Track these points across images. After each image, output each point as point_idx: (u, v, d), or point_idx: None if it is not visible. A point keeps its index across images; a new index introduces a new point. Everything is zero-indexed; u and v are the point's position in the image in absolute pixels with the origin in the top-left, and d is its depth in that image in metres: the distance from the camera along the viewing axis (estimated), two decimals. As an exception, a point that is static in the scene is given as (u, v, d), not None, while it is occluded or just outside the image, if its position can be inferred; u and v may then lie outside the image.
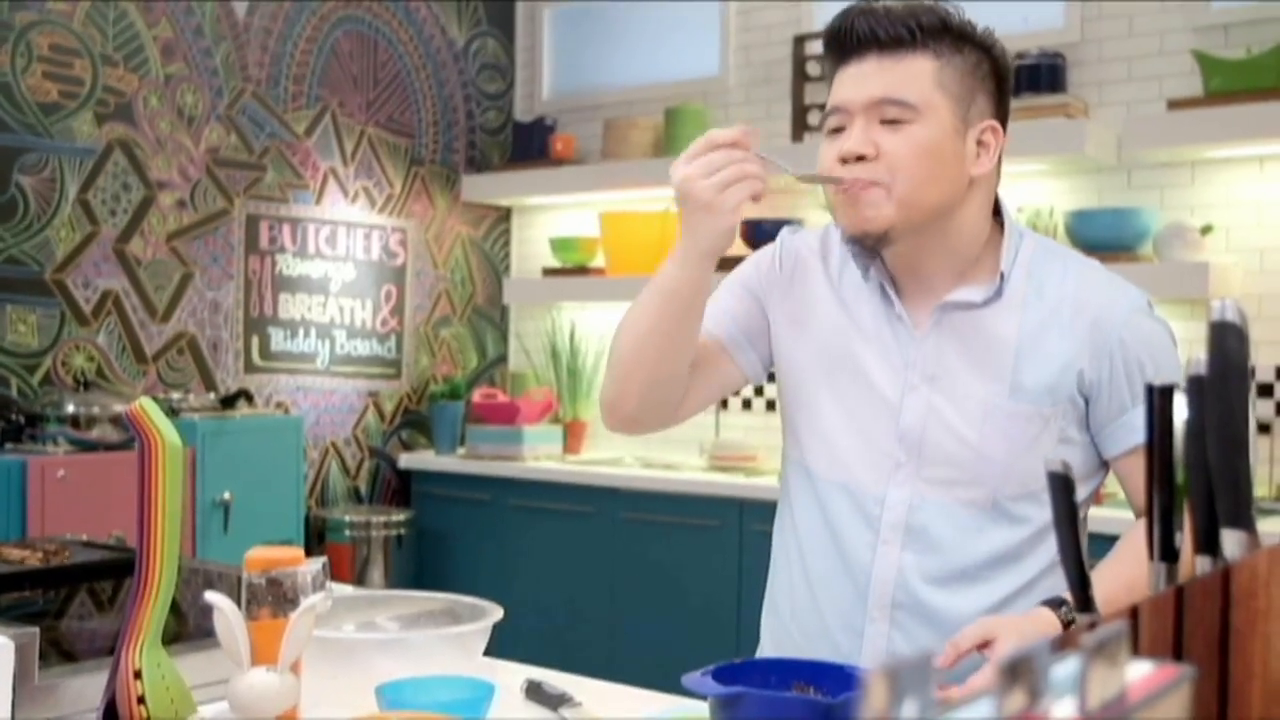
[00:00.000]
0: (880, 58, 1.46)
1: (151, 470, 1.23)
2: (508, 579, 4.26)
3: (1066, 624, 1.38)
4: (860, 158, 1.45)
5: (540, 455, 4.42)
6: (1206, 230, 3.46)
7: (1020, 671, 0.47)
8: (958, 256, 1.52)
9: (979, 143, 1.49)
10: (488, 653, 1.57)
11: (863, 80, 1.47)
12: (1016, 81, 3.71)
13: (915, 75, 1.45)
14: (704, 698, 1.27)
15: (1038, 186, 3.80)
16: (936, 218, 1.48)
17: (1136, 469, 1.49)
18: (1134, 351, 1.49)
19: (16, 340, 3.62)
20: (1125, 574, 1.44)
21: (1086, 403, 1.51)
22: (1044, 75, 3.67)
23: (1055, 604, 1.42)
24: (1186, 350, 3.70)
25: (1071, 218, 3.58)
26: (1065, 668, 0.50)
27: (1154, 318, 1.54)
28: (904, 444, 1.52)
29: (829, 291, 1.61)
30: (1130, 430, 1.49)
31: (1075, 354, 1.49)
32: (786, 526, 1.66)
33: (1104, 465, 1.57)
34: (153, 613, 1.24)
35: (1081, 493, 1.52)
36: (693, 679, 1.23)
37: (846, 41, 1.48)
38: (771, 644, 1.68)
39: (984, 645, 1.36)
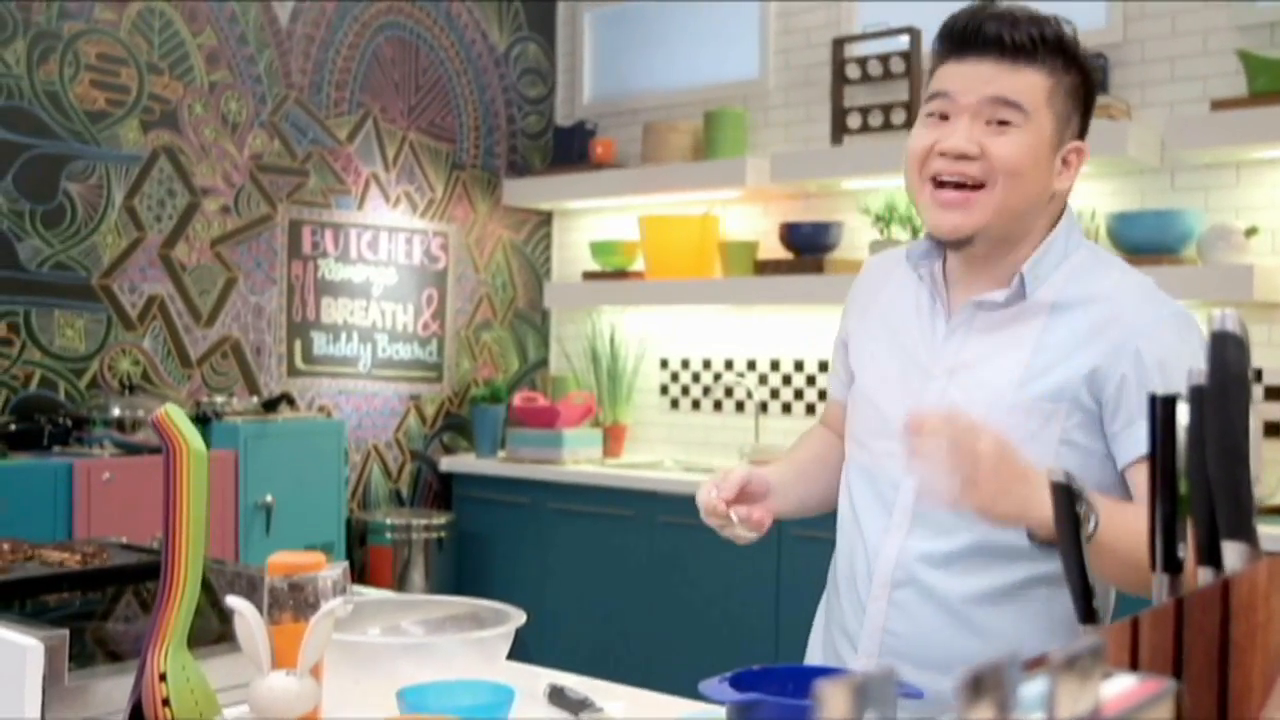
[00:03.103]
0: (999, 62, 1.50)
1: (176, 476, 1.25)
2: (547, 582, 4.28)
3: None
4: (963, 155, 1.50)
5: (580, 459, 4.43)
6: (1252, 232, 3.42)
7: (987, 685, 0.46)
8: (1012, 263, 1.57)
9: (1064, 160, 1.55)
10: (526, 654, 1.58)
11: (981, 78, 1.51)
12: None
13: (1030, 86, 1.50)
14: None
15: (1079, 188, 3.72)
16: (1015, 225, 1.54)
17: (1139, 480, 1.48)
18: (1149, 362, 1.48)
19: (64, 344, 3.68)
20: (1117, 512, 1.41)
21: (1102, 408, 1.51)
22: (1086, 76, 3.63)
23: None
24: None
25: (1114, 220, 3.54)
26: (1035, 684, 0.50)
27: (1181, 332, 1.52)
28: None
29: (889, 297, 1.72)
30: (1136, 441, 1.48)
31: (1092, 358, 1.50)
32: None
33: (1122, 479, 1.54)
34: (178, 616, 1.26)
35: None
36: (710, 685, 1.23)
37: (971, 38, 1.52)
38: (821, 628, 1.78)
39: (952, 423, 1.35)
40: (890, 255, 1.79)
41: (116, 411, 3.51)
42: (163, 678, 1.24)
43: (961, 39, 1.53)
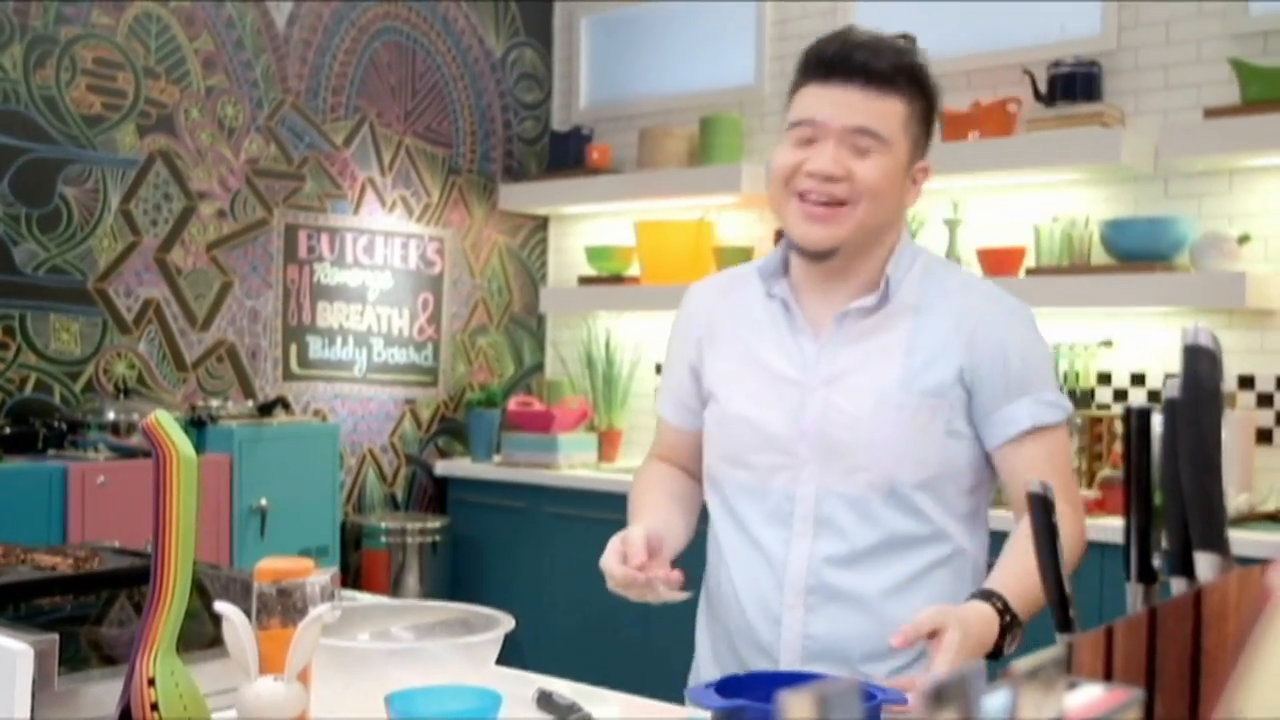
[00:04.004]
0: (865, 89, 1.60)
1: (166, 482, 1.26)
2: (542, 586, 4.28)
3: (1001, 613, 1.50)
4: (829, 177, 1.60)
5: (575, 463, 4.44)
6: (1244, 240, 3.43)
7: (950, 695, 0.47)
8: (865, 273, 1.69)
9: (913, 179, 1.68)
10: (520, 658, 1.59)
11: (845, 106, 1.60)
12: (1053, 89, 3.69)
13: (891, 113, 1.61)
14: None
15: (1073, 196, 3.77)
16: (871, 239, 1.66)
17: (1011, 462, 1.65)
18: (1009, 353, 1.64)
19: (59, 348, 3.68)
20: (1021, 559, 1.55)
21: (970, 397, 1.65)
22: (1080, 83, 3.65)
23: (987, 595, 1.52)
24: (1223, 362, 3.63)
25: (1107, 227, 3.55)
26: (998, 695, 0.50)
27: (1027, 324, 1.69)
28: (806, 442, 1.67)
29: (734, 320, 1.78)
30: (1002, 425, 1.64)
31: (958, 354, 1.64)
32: (711, 536, 1.83)
33: (988, 460, 1.70)
34: (167, 621, 1.27)
35: (967, 481, 1.68)
36: (697, 692, 1.24)
37: (838, 66, 1.61)
38: (708, 644, 1.83)
39: (933, 634, 1.43)
40: (718, 281, 1.87)
41: (111, 415, 3.52)
42: (151, 682, 1.25)
43: (829, 66, 1.61)
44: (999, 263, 3.71)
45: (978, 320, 1.65)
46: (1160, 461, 0.76)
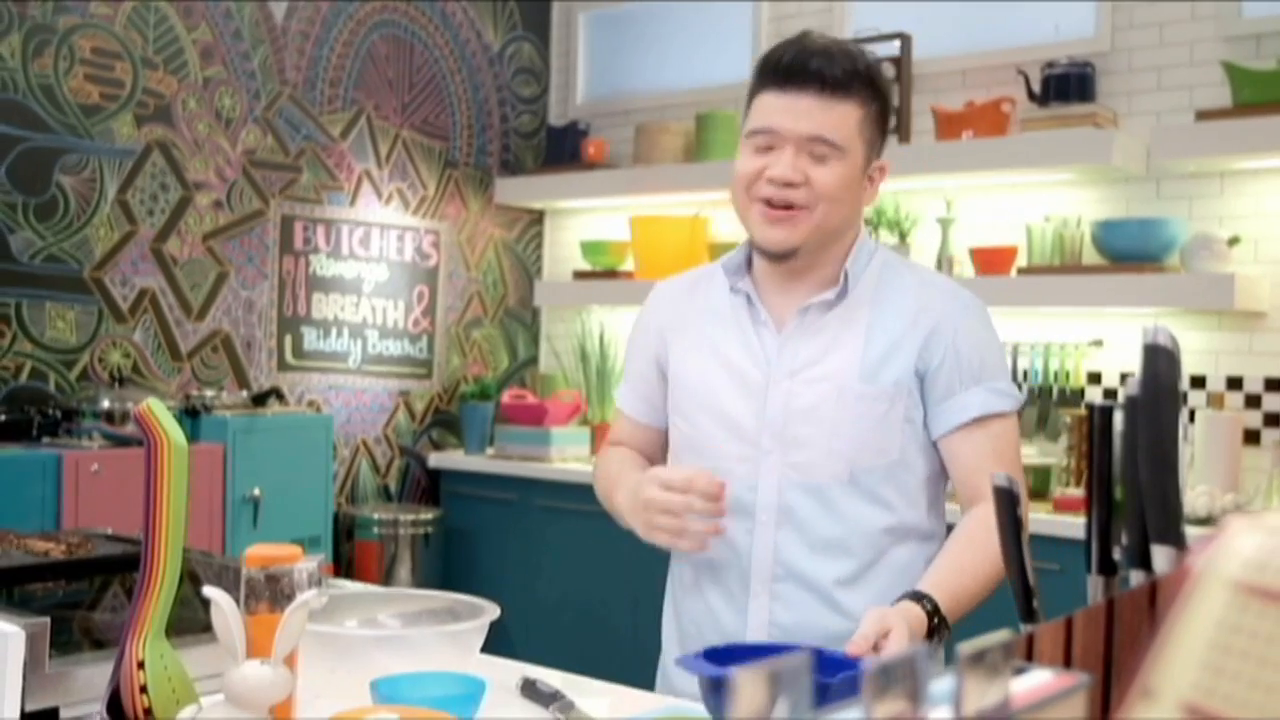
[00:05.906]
0: (819, 97, 1.65)
1: (157, 469, 1.28)
2: (533, 578, 4.30)
3: (930, 615, 1.55)
4: (789, 183, 1.65)
5: (568, 456, 4.46)
6: (1234, 241, 3.45)
7: (896, 676, 0.49)
8: (825, 269, 1.75)
9: (869, 178, 1.74)
10: (510, 648, 1.62)
11: (800, 114, 1.65)
12: (1047, 90, 3.71)
13: (845, 120, 1.66)
14: (696, 691, 1.31)
15: (1065, 196, 3.79)
16: (831, 239, 1.72)
17: (958, 449, 1.70)
18: (963, 343, 1.70)
19: (55, 336, 3.70)
20: (956, 559, 1.64)
21: (924, 386, 1.71)
22: (1073, 84, 3.67)
23: (917, 597, 1.57)
24: (1211, 362, 3.64)
25: (1098, 227, 3.57)
26: (945, 679, 0.52)
27: (980, 317, 1.76)
28: (769, 433, 1.72)
29: (699, 314, 1.84)
30: (953, 412, 1.70)
31: (914, 344, 1.69)
32: None
33: (934, 447, 1.75)
34: (157, 605, 1.29)
35: (924, 469, 1.74)
36: (688, 660, 1.27)
37: (794, 74, 1.65)
38: (675, 637, 1.85)
39: (882, 635, 1.49)
40: (684, 278, 1.93)
41: (106, 403, 3.54)
42: (140, 665, 1.27)
43: (785, 73, 1.66)
44: (991, 262, 3.74)
45: (933, 314, 1.71)
46: (1121, 457, 0.78)
